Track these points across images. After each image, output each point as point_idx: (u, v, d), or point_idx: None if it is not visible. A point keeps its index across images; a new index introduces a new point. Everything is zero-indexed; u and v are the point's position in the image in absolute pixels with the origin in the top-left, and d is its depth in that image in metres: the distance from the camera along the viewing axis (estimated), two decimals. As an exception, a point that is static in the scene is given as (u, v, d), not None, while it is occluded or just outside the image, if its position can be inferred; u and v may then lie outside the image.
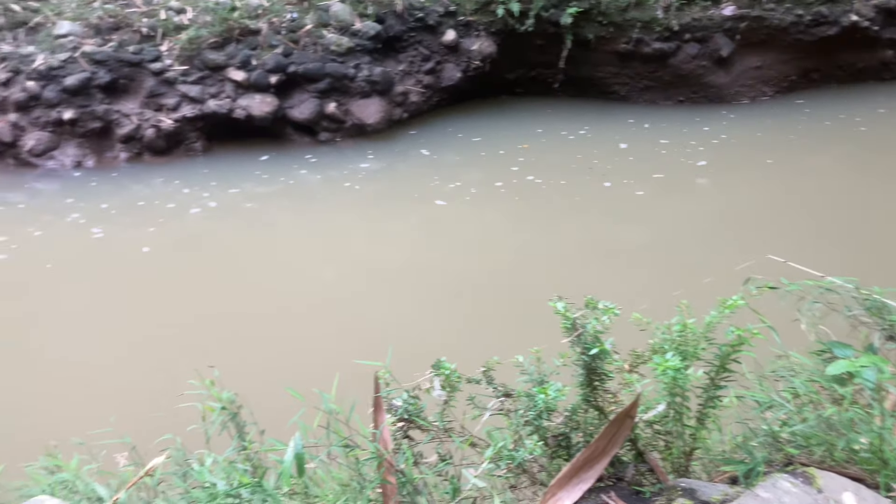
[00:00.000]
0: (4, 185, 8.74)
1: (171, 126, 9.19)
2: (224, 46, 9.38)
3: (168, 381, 4.48)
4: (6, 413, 3.31)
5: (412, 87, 10.24)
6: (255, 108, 9.30)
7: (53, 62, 8.97)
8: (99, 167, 9.14)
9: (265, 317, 6.01)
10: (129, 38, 9.33)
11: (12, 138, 9.04)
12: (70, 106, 8.98)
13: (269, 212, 8.21)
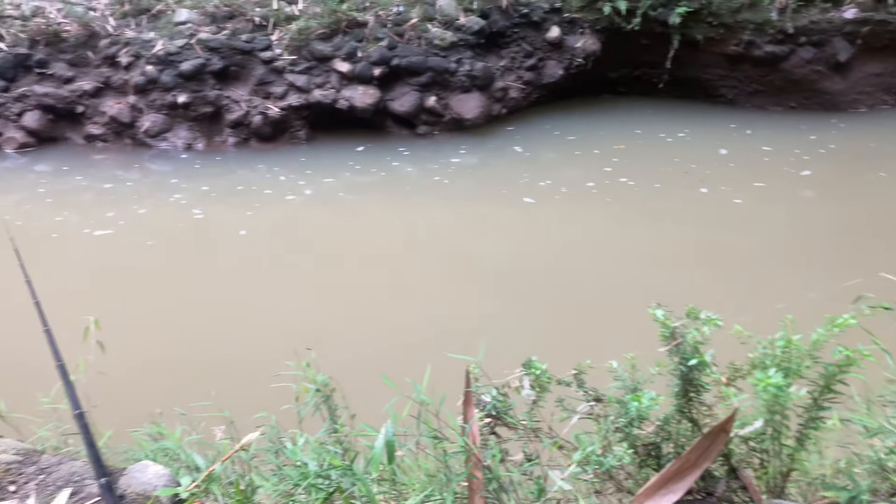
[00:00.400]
0: (121, 164, 9.24)
1: (278, 114, 9.49)
2: (331, 38, 9.60)
3: (265, 361, 4.65)
4: (116, 381, 3.52)
5: (512, 83, 10.22)
6: (358, 99, 9.49)
7: (171, 48, 9.41)
8: (208, 150, 9.54)
9: (358, 304, 6.13)
10: (242, 27, 9.68)
11: (130, 119, 9.55)
12: (184, 90, 9.40)
13: (362, 202, 8.37)
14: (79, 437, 2.78)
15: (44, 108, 9.58)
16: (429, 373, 2.39)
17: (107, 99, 9.64)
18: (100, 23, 9.66)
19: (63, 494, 2.06)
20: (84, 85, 9.58)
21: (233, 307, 6.14)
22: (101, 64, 9.61)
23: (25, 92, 9.52)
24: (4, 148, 9.56)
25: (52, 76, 9.57)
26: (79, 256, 7.08)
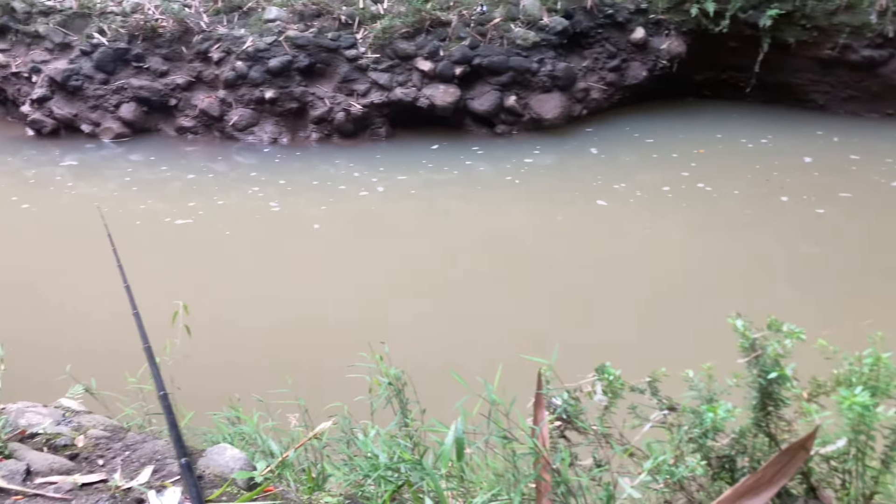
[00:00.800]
0: (209, 156, 9.56)
1: (360, 111, 9.65)
2: (415, 37, 9.70)
3: (339, 352, 4.75)
4: (198, 365, 3.66)
5: (594, 83, 10.11)
6: (439, 97, 9.55)
7: (261, 45, 9.68)
8: (292, 145, 9.78)
9: (429, 300, 6.19)
10: (329, 25, 9.87)
11: (220, 113, 9.87)
12: (272, 86, 9.66)
13: (434, 200, 8.42)
14: (162, 417, 2.91)
15: (139, 100, 10.00)
16: (500, 372, 2.40)
17: (198, 93, 10.00)
18: (194, 19, 10.03)
19: (146, 471, 2.15)
20: (177, 79, 9.96)
21: (308, 298, 6.28)
22: (193, 59, 9.97)
23: (123, 84, 9.96)
24: (102, 137, 10.03)
25: (148, 70, 9.98)
26: (160, 244, 7.35)
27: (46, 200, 8.47)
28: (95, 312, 5.90)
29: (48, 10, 10.38)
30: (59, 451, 2.26)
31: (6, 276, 6.66)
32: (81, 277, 6.56)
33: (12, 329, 3.11)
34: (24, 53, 10.41)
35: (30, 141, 10.20)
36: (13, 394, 2.91)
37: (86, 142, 10.05)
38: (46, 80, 10.08)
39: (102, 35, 10.01)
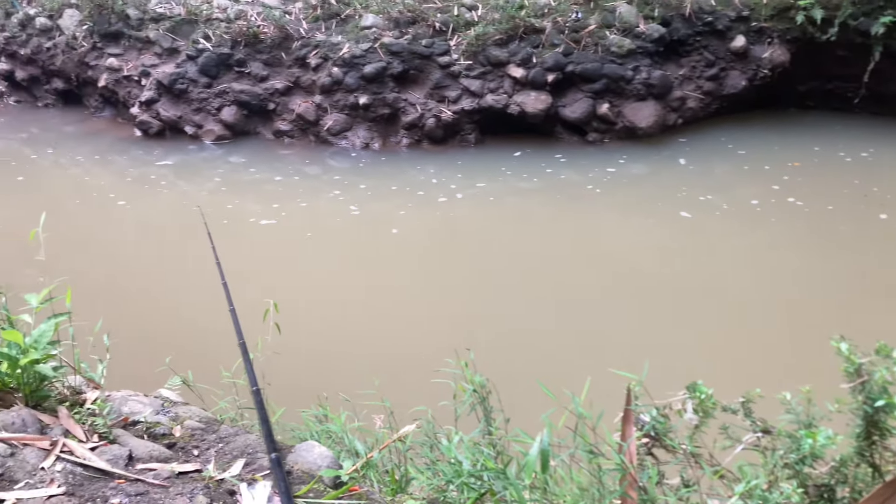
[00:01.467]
0: (304, 159, 9.83)
1: (451, 117, 9.72)
2: (508, 43, 9.70)
3: (425, 356, 4.78)
4: (286, 363, 3.76)
5: (691, 92, 9.86)
6: (530, 104, 9.52)
7: (357, 51, 9.89)
8: (383, 150, 9.94)
9: (512, 307, 6.16)
10: (423, 32, 9.99)
11: (315, 118, 10.14)
12: (365, 92, 9.85)
13: (513, 207, 8.38)
14: (253, 412, 3.00)
15: (240, 103, 10.38)
16: (587, 386, 2.37)
17: (295, 97, 10.29)
18: (294, 26, 10.33)
19: (238, 464, 2.22)
20: (276, 84, 10.29)
21: (390, 302, 6.35)
22: (292, 64, 10.27)
23: (225, 88, 10.36)
24: (204, 139, 10.46)
25: (249, 74, 10.34)
26: (245, 243, 7.56)
27: (149, 198, 8.89)
28: (192, 307, 6.15)
29: (159, 16, 10.90)
30: (158, 439, 2.36)
31: (111, 271, 7.03)
32: (180, 273, 6.86)
33: (116, 321, 3.27)
34: (136, 58, 10.96)
35: (137, 141, 10.73)
36: (117, 382, 3.06)
37: (189, 143, 10.49)
38: (154, 83, 10.58)
39: (207, 41, 10.44)
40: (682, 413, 2.32)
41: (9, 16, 12.44)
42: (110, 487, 2.00)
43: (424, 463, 2.81)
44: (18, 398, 2.36)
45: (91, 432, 2.26)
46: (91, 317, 3.07)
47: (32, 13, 12.12)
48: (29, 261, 6.38)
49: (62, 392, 2.54)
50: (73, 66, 11.67)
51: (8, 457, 2.03)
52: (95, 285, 6.40)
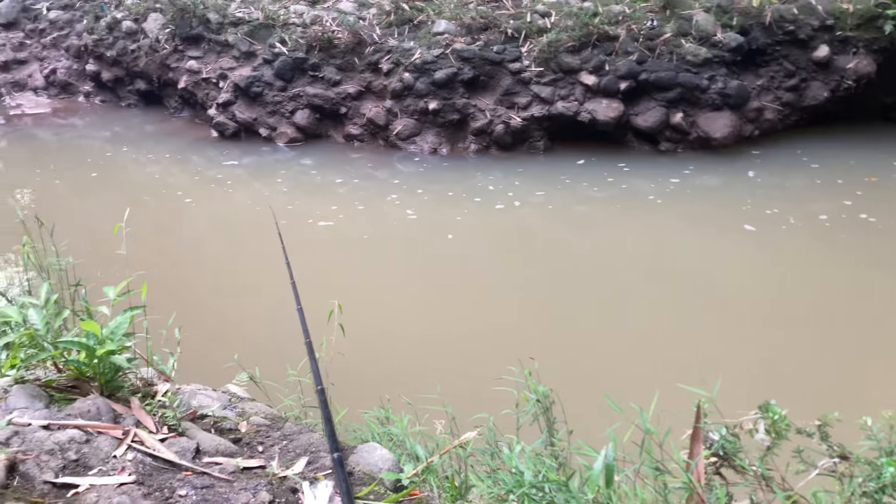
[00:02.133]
0: (373, 163, 9.93)
1: (520, 124, 9.68)
2: (580, 51, 9.61)
3: (487, 363, 4.76)
4: (349, 364, 3.79)
5: (769, 103, 9.58)
6: (601, 112, 9.41)
7: (428, 57, 9.95)
8: (451, 155, 9.97)
9: (575, 317, 6.08)
10: (495, 39, 9.99)
11: (385, 122, 10.24)
12: (435, 97, 9.90)
13: (570, 215, 8.28)
14: (317, 411, 3.03)
15: (313, 107, 10.56)
16: (656, 400, 2.31)
17: (367, 102, 10.42)
18: (367, 31, 10.47)
19: (301, 462, 2.24)
20: (348, 88, 10.43)
21: (450, 307, 6.34)
22: (364, 69, 10.40)
23: (299, 92, 10.56)
24: (277, 141, 10.68)
25: (323, 79, 10.52)
26: (307, 244, 7.65)
27: (222, 197, 9.13)
28: (260, 304, 6.28)
29: (238, 20, 11.19)
30: (224, 433, 2.41)
31: (184, 266, 7.23)
32: (250, 270, 7.01)
33: (187, 315, 3.35)
34: (214, 61, 11.28)
35: (213, 142, 11.03)
36: (187, 376, 3.14)
37: (262, 145, 10.73)
38: (232, 86, 10.86)
39: (283, 45, 10.66)
40: (753, 433, 2.24)
41: (98, 19, 12.98)
42: (178, 479, 2.04)
43: (485, 471, 2.79)
44: (94, 387, 2.44)
45: (161, 424, 2.31)
46: (163, 310, 3.15)
47: (119, 17, 12.60)
48: (109, 254, 6.63)
49: (135, 383, 2.62)
50: (156, 67, 12.08)
51: (83, 443, 2.09)
52: (169, 280, 6.59)
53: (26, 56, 13.93)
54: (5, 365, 2.45)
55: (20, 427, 2.10)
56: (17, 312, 2.38)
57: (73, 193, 9.60)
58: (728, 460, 2.24)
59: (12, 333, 2.56)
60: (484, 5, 10.35)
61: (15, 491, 1.87)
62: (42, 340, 2.42)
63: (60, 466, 2.00)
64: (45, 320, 2.41)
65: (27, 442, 2.06)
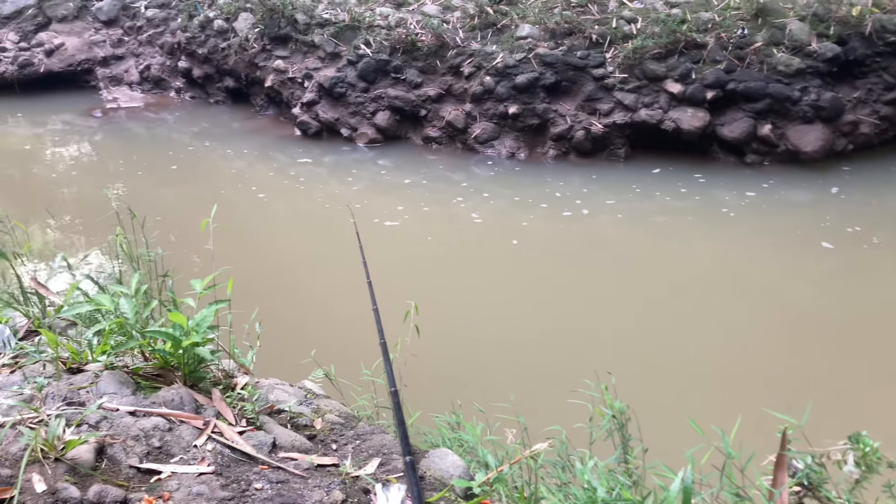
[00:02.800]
0: (449, 166, 9.96)
1: (601, 130, 9.55)
2: (666, 58, 9.42)
3: (562, 374, 4.71)
4: (424, 365, 3.80)
5: (865, 117, 9.18)
6: (685, 121, 9.19)
7: (510, 61, 9.92)
8: (529, 160, 9.91)
9: (651, 329, 5.95)
10: (579, 44, 9.88)
11: (464, 125, 10.26)
12: (516, 102, 9.86)
13: (637, 224, 8.13)
14: (390, 412, 3.05)
15: (393, 109, 10.67)
16: (738, 424, 2.23)
17: (446, 105, 10.46)
18: (451, 35, 10.51)
19: (373, 463, 2.26)
20: (429, 91, 10.50)
21: (521, 313, 6.29)
22: (445, 72, 10.45)
23: (381, 93, 10.68)
24: (357, 141, 10.83)
25: (404, 81, 10.62)
26: (377, 243, 7.72)
27: (302, 195, 9.31)
28: (336, 301, 6.37)
29: (325, 22, 11.41)
30: (300, 429, 2.44)
31: (263, 261, 7.40)
32: (327, 268, 7.13)
33: (265, 310, 3.42)
34: (301, 61, 11.53)
35: (296, 140, 11.27)
36: (264, 369, 3.21)
37: (343, 144, 10.91)
38: (316, 85, 11.08)
39: (368, 46, 10.81)
40: (841, 464, 2.15)
41: (191, 18, 13.44)
42: (254, 472, 2.08)
43: (555, 484, 2.76)
44: (178, 377, 2.52)
45: (240, 416, 2.37)
46: (242, 304, 3.22)
47: (212, 16, 13.02)
48: (193, 246, 6.86)
49: (216, 375, 2.68)
50: (244, 66, 12.43)
51: (167, 431, 2.16)
52: (247, 274, 6.75)
53: (123, 52, 14.55)
54: (96, 351, 2.55)
55: (109, 412, 2.18)
56: (110, 301, 2.47)
57: (160, 186, 9.97)
58: (813, 491, 2.15)
59: (104, 321, 2.66)
60: (569, 10, 10.26)
61: (103, 473, 1.94)
62: (131, 329, 2.50)
63: (145, 452, 2.07)
64: (135, 310, 2.49)
65: (115, 426, 2.13)
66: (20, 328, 3.00)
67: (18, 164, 11.00)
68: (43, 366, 2.50)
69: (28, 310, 3.15)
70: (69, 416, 2.12)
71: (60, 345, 2.54)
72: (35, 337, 2.99)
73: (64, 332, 3.08)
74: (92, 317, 3.08)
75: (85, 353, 2.60)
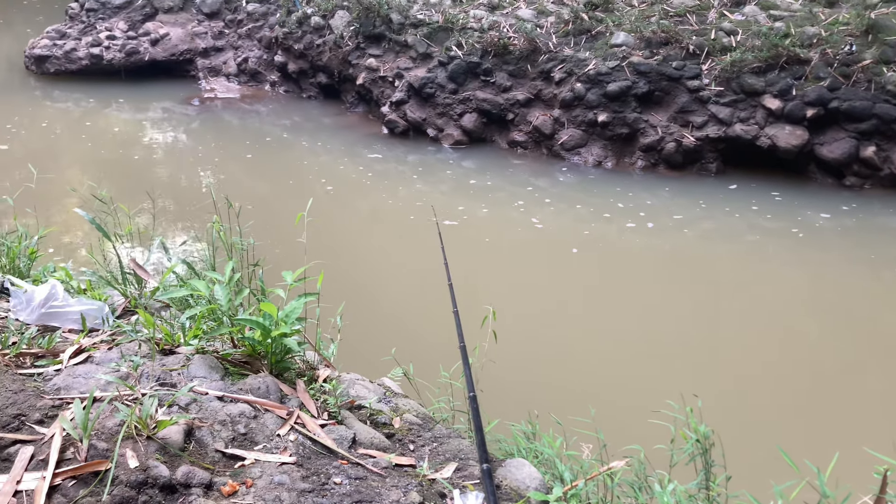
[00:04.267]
0: (535, 171, 9.90)
1: (693, 143, 9.31)
2: (766, 72, 9.11)
3: (642, 392, 4.61)
4: (501, 371, 3.78)
5: (979, 143, 8.65)
6: (783, 139, 8.87)
7: (602, 68, 9.78)
8: (616, 169, 9.75)
9: (745, 355, 5.76)
10: (674, 54, 9.66)
11: (551, 131, 10.17)
12: (606, 110, 9.72)
13: (706, 244, 7.89)
14: (466, 416, 3.03)
15: (481, 111, 10.67)
16: (835, 461, 2.13)
17: (534, 110, 10.40)
18: (543, 39, 10.44)
19: (449, 467, 2.25)
20: (518, 95, 10.45)
21: (600, 326, 6.18)
22: (536, 77, 10.39)
23: (469, 96, 10.70)
24: (443, 142, 10.88)
25: (493, 84, 10.60)
26: (457, 245, 7.72)
27: (387, 192, 9.42)
28: (415, 299, 6.41)
29: (418, 22, 11.51)
30: (379, 427, 2.46)
31: (347, 256, 7.51)
32: (408, 266, 7.18)
33: (346, 303, 3.45)
34: (392, 60, 11.67)
35: (382, 138, 11.41)
36: (345, 364, 3.24)
37: (428, 144, 10.97)
38: (406, 85, 11.19)
39: (459, 48, 10.85)
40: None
41: (290, 13, 13.78)
42: (334, 466, 2.10)
43: (630, 502, 2.70)
44: (264, 365, 2.57)
45: (322, 409, 2.40)
46: (324, 297, 3.27)
47: (310, 12, 13.32)
48: (280, 237, 7.02)
49: (300, 366, 2.73)
50: (337, 63, 12.66)
51: (252, 419, 2.21)
52: (329, 267, 6.87)
53: (223, 44, 15.03)
54: (189, 334, 2.63)
55: (199, 395, 2.25)
56: (205, 287, 2.54)
57: (250, 175, 10.25)
58: (911, 538, 2.03)
59: (196, 306, 2.74)
60: (666, 19, 10.04)
61: (190, 454, 2.00)
62: (223, 315, 2.57)
63: (230, 438, 2.12)
64: (228, 297, 2.56)
65: (203, 410, 2.19)
66: (118, 306, 3.13)
67: (121, 147, 11.50)
68: (139, 345, 2.60)
69: (126, 289, 3.28)
70: (161, 397, 2.19)
71: (155, 326, 2.63)
72: (130, 316, 3.11)
73: (157, 314, 3.19)
74: (184, 300, 3.18)
75: (178, 335, 2.68)
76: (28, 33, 16.43)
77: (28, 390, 2.19)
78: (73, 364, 2.43)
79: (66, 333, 2.82)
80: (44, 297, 2.87)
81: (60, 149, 11.53)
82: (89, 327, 2.83)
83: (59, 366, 2.42)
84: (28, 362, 2.45)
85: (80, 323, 2.82)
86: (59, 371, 2.37)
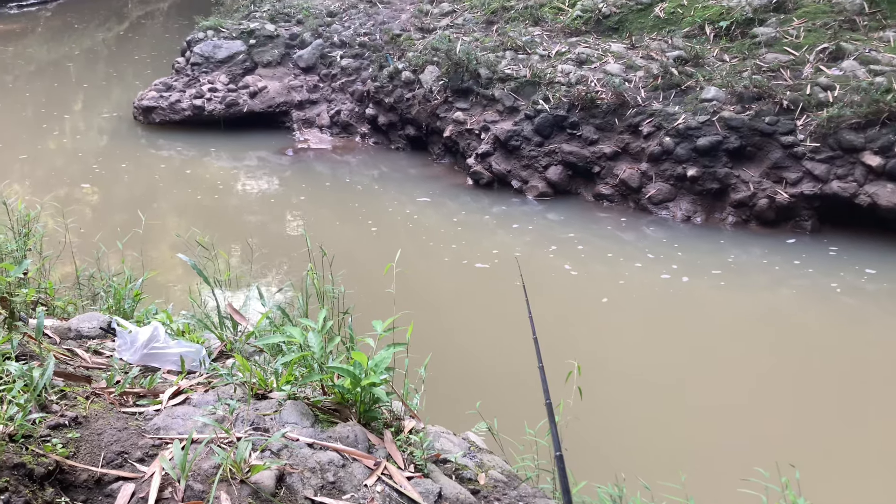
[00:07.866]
0: (621, 225, 9.79)
1: (786, 200, 9.04)
2: (865, 129, 8.81)
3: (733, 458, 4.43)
4: (585, 429, 3.69)
5: None
6: (884, 197, 8.51)
7: (692, 123, 9.67)
8: (705, 225, 9.54)
9: (841, 424, 5.47)
10: (767, 109, 9.47)
11: (638, 185, 10.07)
12: (695, 164, 9.57)
13: (803, 305, 7.66)
14: (551, 475, 2.98)
15: (566, 164, 10.68)
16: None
17: (621, 163, 10.33)
18: (631, 94, 10.42)
19: (536, 527, 2.21)
20: (604, 148, 10.43)
21: (689, 387, 6.00)
22: (623, 131, 10.34)
23: (555, 148, 10.74)
24: (527, 194, 10.91)
25: (580, 137, 10.62)
26: (543, 297, 7.67)
27: (471, 242, 9.48)
28: (500, 353, 6.38)
29: (506, 77, 11.69)
30: (464, 482, 2.44)
31: (429, 305, 7.57)
32: (492, 318, 7.17)
33: (432, 354, 3.47)
34: (479, 113, 11.85)
35: (467, 189, 11.53)
36: (429, 416, 3.25)
37: (512, 196, 11.02)
38: (492, 137, 11.32)
39: (546, 102, 10.94)
40: None
41: (381, 68, 14.23)
42: (420, 520, 2.10)
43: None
44: (353, 413, 2.61)
45: (408, 461, 2.40)
46: (411, 347, 3.29)
47: (401, 67, 13.72)
48: (365, 284, 7.14)
49: (387, 416, 2.75)
50: (425, 115, 12.94)
51: (340, 467, 2.23)
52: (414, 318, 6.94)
53: (317, 97, 15.59)
54: (282, 380, 2.70)
55: (290, 441, 2.29)
56: (300, 333, 2.61)
57: (338, 224, 10.50)
58: None
59: (290, 353, 2.81)
60: (759, 74, 9.88)
61: (281, 500, 2.03)
62: (314, 362, 2.63)
63: (319, 485, 2.14)
64: (321, 344, 2.62)
65: (294, 456, 2.23)
66: (214, 350, 3.24)
67: (217, 193, 12.01)
68: (234, 388, 2.68)
69: (222, 333, 3.40)
70: (255, 441, 2.25)
71: (251, 371, 2.71)
72: (226, 359, 3.21)
73: (250, 358, 3.29)
74: (277, 346, 3.27)
75: (270, 380, 2.75)
76: (137, 85, 17.47)
77: (130, 429, 2.28)
78: (172, 405, 2.53)
79: (165, 374, 2.94)
80: (147, 339, 3.01)
81: (161, 194, 12.13)
82: (187, 369, 2.94)
83: (158, 406, 2.51)
84: (131, 401, 2.56)
85: (179, 364, 2.94)
86: (158, 411, 2.47)
